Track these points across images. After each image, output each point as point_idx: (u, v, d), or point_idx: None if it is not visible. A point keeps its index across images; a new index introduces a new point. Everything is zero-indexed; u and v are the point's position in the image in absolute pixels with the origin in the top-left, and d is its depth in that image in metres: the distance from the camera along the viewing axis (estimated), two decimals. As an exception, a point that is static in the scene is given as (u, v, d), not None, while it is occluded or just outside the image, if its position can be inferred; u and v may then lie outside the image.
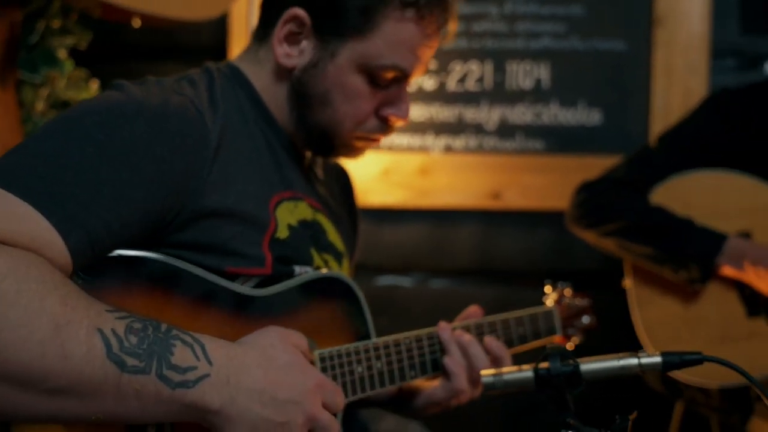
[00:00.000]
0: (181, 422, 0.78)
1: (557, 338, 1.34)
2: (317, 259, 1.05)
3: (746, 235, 1.65)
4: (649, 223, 1.65)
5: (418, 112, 2.32)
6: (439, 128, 2.33)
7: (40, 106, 1.82)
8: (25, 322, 0.68)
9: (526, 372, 0.90)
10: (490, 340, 1.16)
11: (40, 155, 0.78)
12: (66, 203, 0.76)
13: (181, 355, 0.75)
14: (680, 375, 1.68)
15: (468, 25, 2.32)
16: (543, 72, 2.33)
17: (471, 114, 2.33)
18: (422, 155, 2.32)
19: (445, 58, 2.31)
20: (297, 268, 0.99)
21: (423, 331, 1.10)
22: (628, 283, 1.73)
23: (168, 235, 0.88)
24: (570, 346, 1.36)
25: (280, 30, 1.03)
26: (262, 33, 1.07)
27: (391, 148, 2.32)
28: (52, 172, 0.77)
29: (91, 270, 0.80)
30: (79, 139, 0.80)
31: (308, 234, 1.06)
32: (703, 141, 1.73)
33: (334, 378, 0.96)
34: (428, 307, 2.40)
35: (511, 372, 0.91)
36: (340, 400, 0.87)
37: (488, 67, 2.32)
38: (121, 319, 0.73)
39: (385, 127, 1.12)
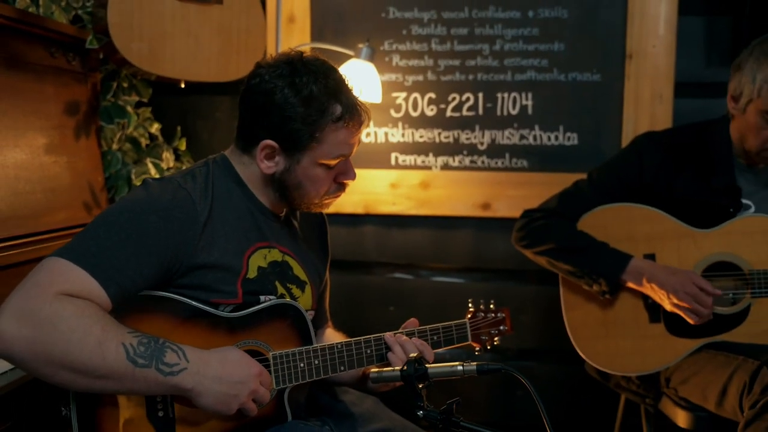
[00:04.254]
0: (175, 396, 1.33)
1: (472, 343, 1.78)
2: (280, 289, 1.56)
3: (651, 256, 2.03)
4: (572, 245, 2.03)
5: (421, 135, 2.73)
6: (438, 149, 2.69)
7: (115, 145, 2.38)
8: (84, 339, 1.24)
9: (396, 371, 1.38)
10: (415, 339, 1.64)
11: (91, 239, 1.33)
12: (107, 269, 1.31)
13: (170, 356, 1.29)
14: (607, 367, 2.08)
15: (464, 61, 2.66)
16: (528, 100, 2.64)
17: (466, 136, 2.68)
18: (424, 171, 2.69)
19: (444, 90, 2.66)
20: (262, 297, 1.51)
21: (356, 339, 1.59)
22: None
23: (173, 281, 1.42)
24: (478, 350, 1.78)
25: (260, 153, 1.51)
26: (243, 146, 1.55)
27: (397, 166, 2.71)
28: (99, 250, 1.31)
29: (125, 304, 1.35)
30: (115, 228, 1.34)
31: (276, 271, 1.56)
32: (623, 179, 2.08)
33: (283, 371, 1.47)
34: (429, 299, 2.75)
35: (387, 370, 1.40)
36: (269, 381, 1.40)
37: (481, 97, 2.65)
38: (135, 337, 1.28)
39: (342, 188, 1.61)
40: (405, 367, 1.35)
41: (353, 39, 2.63)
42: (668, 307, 1.94)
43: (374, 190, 2.73)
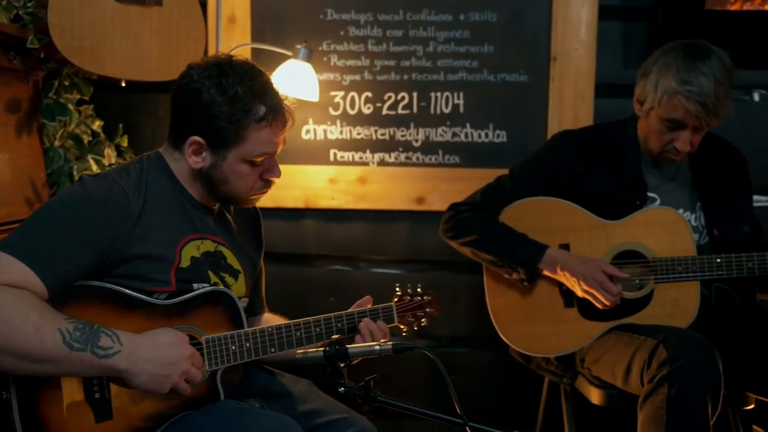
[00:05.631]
0: (111, 377, 1.43)
1: (399, 324, 1.91)
2: (213, 278, 1.66)
3: (566, 246, 2.18)
4: (493, 236, 2.17)
5: (358, 132, 2.84)
6: (375, 145, 2.79)
7: (57, 142, 2.44)
8: (22, 326, 1.33)
9: (320, 352, 1.50)
10: (367, 321, 1.76)
11: (29, 232, 1.42)
12: (43, 261, 1.40)
13: (104, 340, 1.39)
14: (527, 350, 2.23)
15: (399, 62, 2.77)
16: (460, 100, 2.76)
17: (401, 134, 2.79)
18: (361, 167, 2.79)
19: (380, 89, 2.77)
20: (195, 285, 1.61)
21: (286, 323, 1.69)
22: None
23: (109, 271, 1.51)
24: (405, 330, 1.91)
25: (188, 149, 1.61)
26: (174, 142, 1.65)
27: (336, 162, 2.81)
28: (36, 243, 1.40)
29: (64, 294, 1.44)
30: (52, 222, 1.44)
31: (209, 261, 1.66)
32: (541, 174, 2.22)
33: (216, 353, 1.58)
34: (368, 289, 2.78)
35: (311, 352, 1.52)
36: (200, 364, 1.51)
37: (415, 96, 2.77)
38: (71, 323, 1.38)
39: (268, 184, 1.72)
40: (327, 348, 1.47)
41: (293, 39, 2.72)
42: (579, 293, 2.10)
43: (314, 185, 2.83)
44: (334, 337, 1.50)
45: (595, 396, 2.14)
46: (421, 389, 2.93)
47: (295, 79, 2.58)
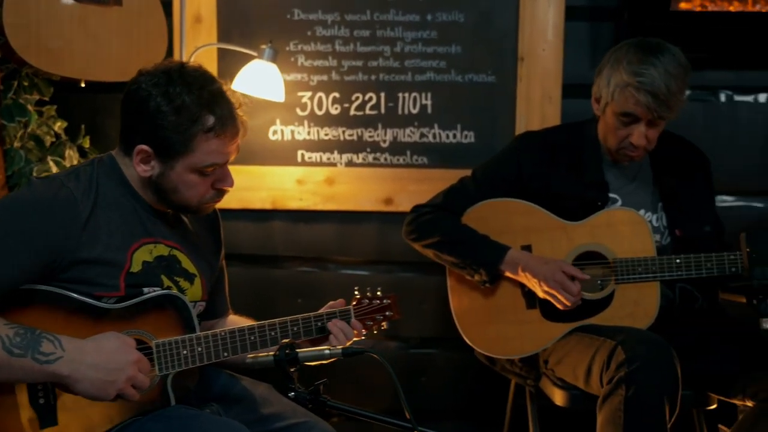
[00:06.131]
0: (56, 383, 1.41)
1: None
2: (167, 282, 1.64)
3: (528, 247, 2.18)
4: (455, 238, 2.16)
5: (326, 133, 2.82)
6: (342, 146, 2.78)
7: (17, 143, 2.41)
8: None
9: (270, 356, 1.48)
10: (337, 320, 1.75)
11: None
12: None
13: (46, 346, 1.38)
14: (490, 352, 2.23)
15: (366, 62, 2.75)
16: (427, 100, 2.75)
17: (369, 134, 2.78)
18: (329, 168, 2.78)
19: (347, 89, 2.75)
20: (146, 290, 1.59)
21: (239, 327, 1.68)
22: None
23: (56, 275, 1.49)
24: (360, 334, 1.88)
25: (135, 157, 1.59)
26: (124, 149, 1.63)
27: (303, 162, 2.79)
28: None
29: (8, 299, 1.42)
30: None
31: (162, 265, 1.64)
32: (504, 176, 2.22)
33: (166, 358, 1.56)
34: (337, 291, 2.76)
35: (262, 356, 1.50)
36: (148, 369, 1.49)
37: (383, 96, 2.76)
38: (11, 328, 1.36)
39: (221, 194, 1.69)
40: (277, 353, 1.46)
41: (259, 39, 2.70)
42: (540, 294, 2.09)
43: (281, 186, 2.82)
44: (284, 341, 1.48)
45: (558, 397, 2.14)
46: (389, 390, 2.91)
47: (260, 79, 2.56)
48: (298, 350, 1.46)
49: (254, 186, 2.81)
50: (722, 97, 2.76)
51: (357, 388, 2.90)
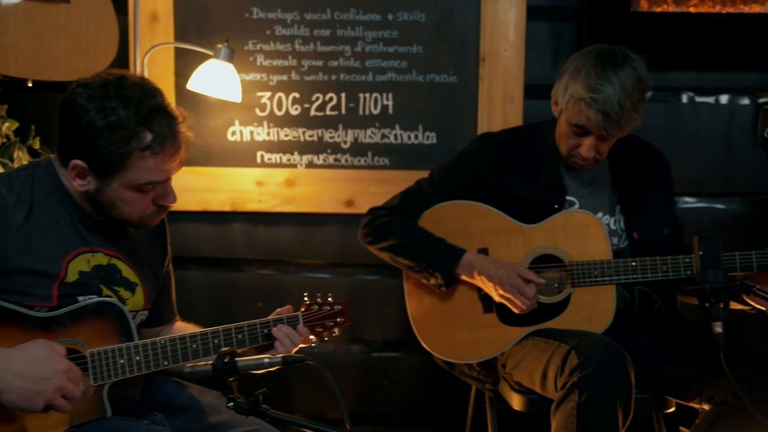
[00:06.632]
0: None
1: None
2: (106, 292, 1.59)
3: (484, 250, 2.15)
4: (411, 241, 2.12)
5: (285, 134, 2.78)
6: (303, 147, 2.74)
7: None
8: None
9: (208, 365, 1.44)
10: (282, 326, 1.70)
11: None
12: None
13: None
14: (447, 356, 2.20)
15: (327, 62, 2.72)
16: (389, 101, 2.72)
17: (329, 135, 2.74)
18: (289, 169, 2.73)
19: (308, 90, 2.71)
20: (81, 299, 1.54)
21: (180, 335, 1.63)
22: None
23: None
24: (313, 340, 1.84)
25: (71, 172, 1.53)
26: (61, 160, 1.57)
27: (263, 164, 2.75)
28: None
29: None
30: None
31: (101, 275, 1.58)
32: (460, 178, 2.19)
33: (102, 367, 1.51)
34: (298, 294, 2.77)
35: (200, 365, 1.45)
36: (79, 378, 1.43)
37: (343, 97, 2.72)
38: None
39: (163, 210, 1.63)
40: (215, 361, 1.41)
41: (217, 39, 2.65)
42: (496, 297, 2.07)
43: (241, 187, 2.77)
44: (223, 349, 1.43)
45: (516, 402, 2.12)
46: (352, 394, 2.88)
47: (216, 79, 2.52)
48: (237, 359, 1.42)
49: (213, 188, 2.76)
50: (684, 98, 2.75)
51: (323, 394, 2.86)
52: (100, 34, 2.29)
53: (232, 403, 1.39)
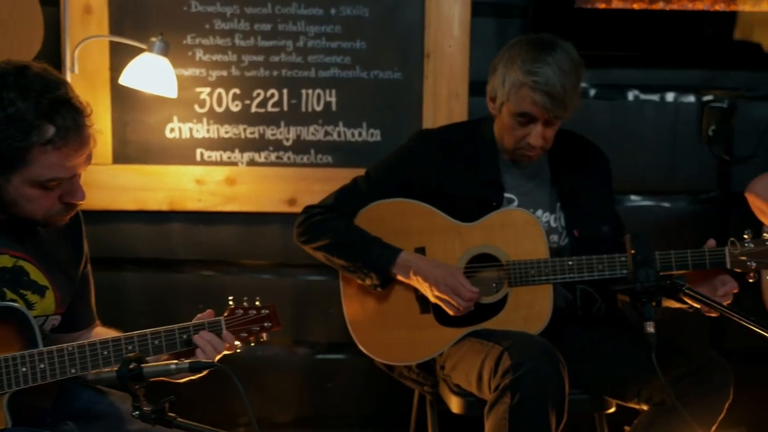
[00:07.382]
0: None
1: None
2: (11, 296, 1.50)
3: (421, 250, 2.11)
4: (346, 240, 2.07)
5: (226, 130, 2.70)
6: (244, 144, 2.67)
7: None
8: None
9: (113, 372, 1.36)
10: (205, 332, 1.64)
11: None
12: None
13: None
14: (384, 358, 2.15)
15: (268, 57, 2.65)
16: (332, 97, 2.67)
17: (271, 132, 2.68)
18: (230, 167, 2.66)
19: (248, 85, 2.64)
20: (-18, 304, 1.46)
21: (90, 341, 1.54)
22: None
23: None
24: (238, 346, 1.77)
25: None
26: None
27: (203, 161, 2.67)
28: None
29: None
30: None
31: (6, 278, 1.51)
32: (397, 175, 2.14)
33: (2, 376, 1.43)
34: (240, 295, 2.75)
35: (105, 372, 1.38)
36: None
37: (285, 93, 2.65)
38: None
39: (71, 208, 1.55)
40: (120, 368, 1.34)
41: (154, 32, 2.55)
42: (432, 298, 2.02)
43: (179, 186, 2.70)
44: (130, 355, 1.36)
45: (454, 404, 2.08)
46: (296, 396, 2.82)
47: (150, 73, 2.44)
48: (143, 365, 1.35)
49: (150, 186, 2.68)
50: (629, 96, 2.74)
51: (267, 396, 2.80)
52: (24, 26, 2.21)
53: (137, 412, 1.33)
